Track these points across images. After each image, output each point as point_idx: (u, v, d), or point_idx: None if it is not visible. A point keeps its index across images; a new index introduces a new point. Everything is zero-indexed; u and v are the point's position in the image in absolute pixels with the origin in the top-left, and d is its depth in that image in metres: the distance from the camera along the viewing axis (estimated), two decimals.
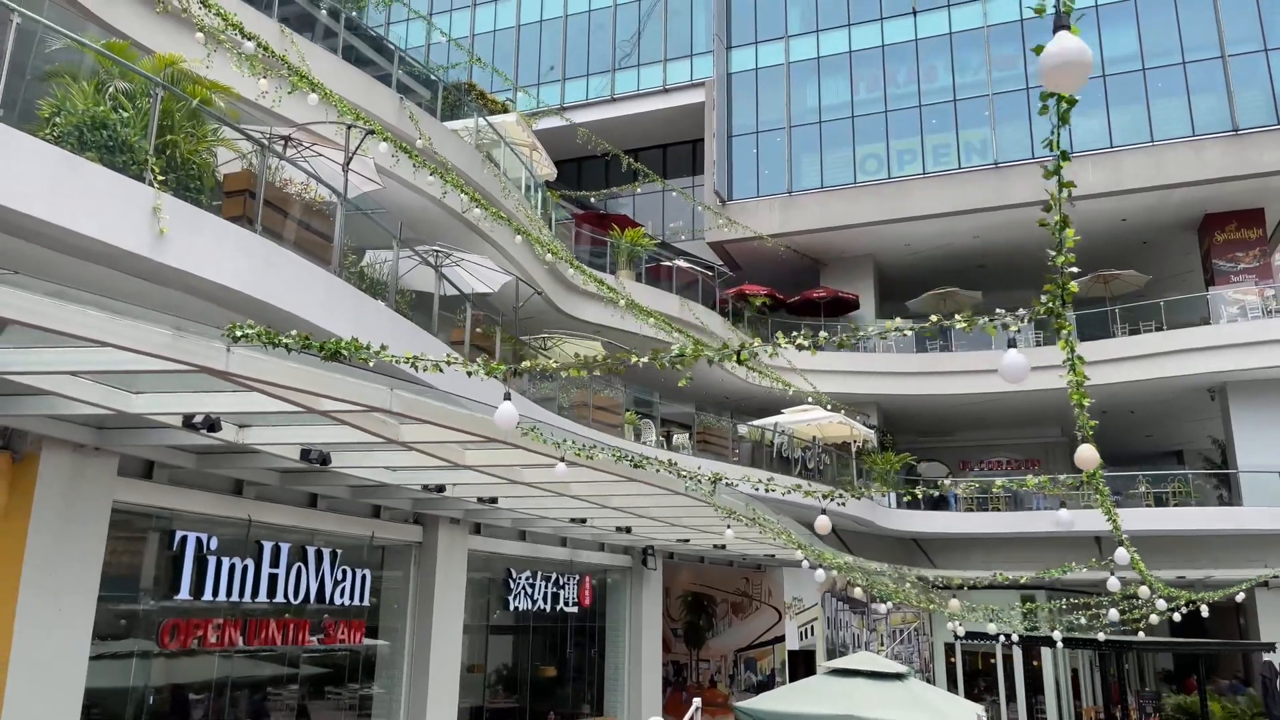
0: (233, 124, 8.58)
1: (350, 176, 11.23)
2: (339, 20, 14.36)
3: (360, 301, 9.62)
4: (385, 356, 4.65)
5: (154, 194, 7.21)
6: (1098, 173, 25.71)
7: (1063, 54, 2.57)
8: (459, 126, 17.44)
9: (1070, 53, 2.55)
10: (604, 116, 31.68)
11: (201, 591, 9.57)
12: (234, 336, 4.77)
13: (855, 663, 12.42)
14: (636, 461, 7.83)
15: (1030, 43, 27.43)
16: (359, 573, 11.82)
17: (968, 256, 29.60)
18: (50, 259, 7.36)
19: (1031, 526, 25.87)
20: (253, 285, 8.07)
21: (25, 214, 6.42)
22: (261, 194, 8.46)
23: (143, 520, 9.21)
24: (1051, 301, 3.63)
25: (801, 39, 30.17)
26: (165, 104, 7.59)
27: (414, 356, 4.69)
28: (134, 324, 4.87)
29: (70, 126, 6.97)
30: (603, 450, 7.74)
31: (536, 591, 15.85)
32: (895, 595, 16.93)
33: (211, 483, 9.85)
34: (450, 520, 13.26)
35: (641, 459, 8.09)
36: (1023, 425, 30.88)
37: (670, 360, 4.44)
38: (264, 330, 4.77)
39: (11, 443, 7.65)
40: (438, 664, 12.79)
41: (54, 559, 7.70)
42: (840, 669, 12.40)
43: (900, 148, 28.26)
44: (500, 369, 4.73)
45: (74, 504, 7.86)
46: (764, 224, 28.77)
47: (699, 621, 23.30)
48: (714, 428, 20.11)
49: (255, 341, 4.80)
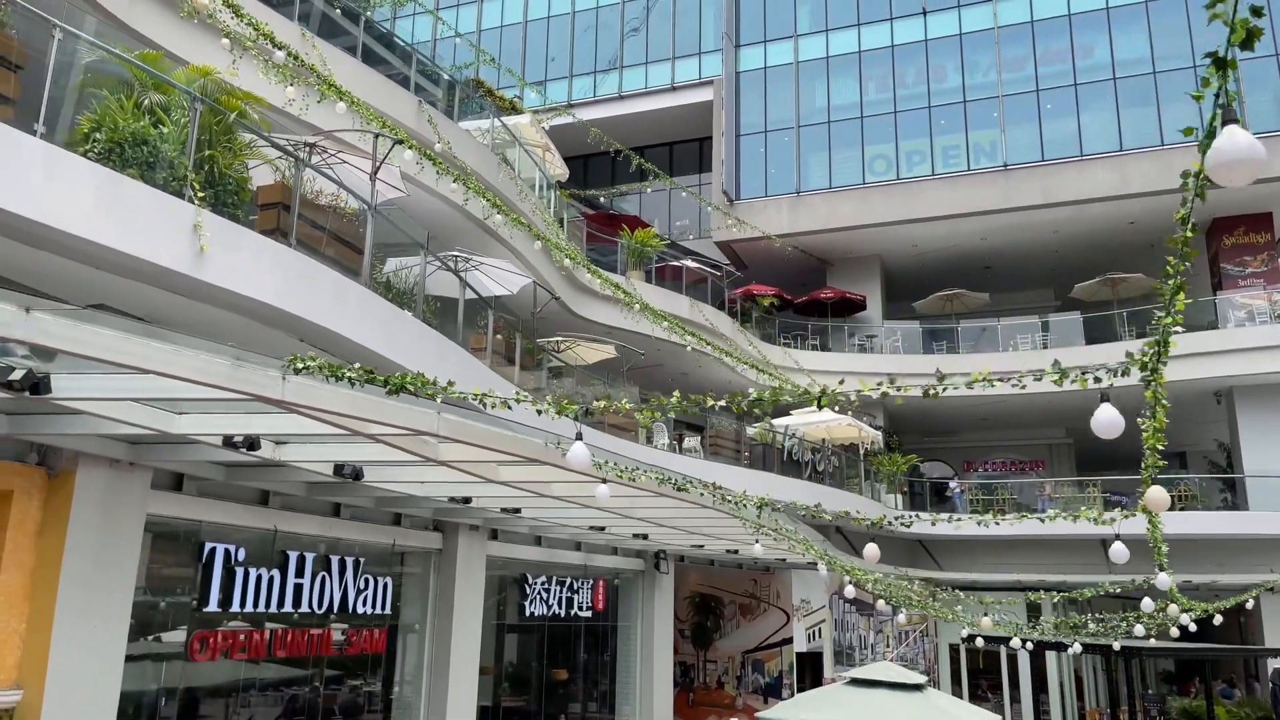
0: (269, 138, 8.52)
1: (381, 185, 11.19)
2: (358, 23, 14.26)
3: (390, 314, 9.58)
4: (454, 394, 4.62)
5: (195, 211, 7.16)
6: (1106, 175, 25.74)
7: (1235, 150, 2.50)
8: (473, 127, 17.39)
9: (1241, 149, 2.48)
10: (611, 114, 31.57)
11: (229, 603, 9.55)
12: (294, 369, 4.73)
13: (875, 673, 12.39)
14: (680, 485, 7.81)
15: (1041, 45, 27.47)
16: (381, 581, 11.80)
17: (974, 257, 29.61)
18: (85, 274, 7.32)
19: (1037, 530, 25.91)
20: (287, 300, 8.02)
21: (70, 233, 6.37)
22: (296, 208, 8.41)
23: (172, 532, 9.18)
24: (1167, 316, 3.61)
25: (810, 38, 30.10)
26: (203, 118, 7.53)
27: (482, 394, 4.66)
28: (195, 354, 4.84)
29: (111, 143, 6.90)
30: (646, 473, 7.71)
31: (552, 596, 15.85)
32: (918, 606, 16.87)
33: (239, 494, 9.81)
34: (470, 527, 13.25)
35: (685, 481, 8.05)
36: (1026, 426, 30.92)
37: (749, 404, 4.41)
38: (325, 363, 4.74)
39: (46, 459, 7.61)
40: (457, 669, 12.79)
41: (90, 573, 7.67)
42: (860, 679, 12.41)
43: (909, 149, 28.23)
44: (572, 409, 4.71)
45: (110, 519, 7.82)
46: (771, 223, 28.74)
47: (706, 623, 23.33)
48: (726, 431, 20.11)
49: (316, 373, 4.76)
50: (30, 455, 7.52)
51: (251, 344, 9.05)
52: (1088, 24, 27.13)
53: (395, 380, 4.63)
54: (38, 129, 6.45)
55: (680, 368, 24.37)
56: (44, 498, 7.53)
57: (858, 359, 28.07)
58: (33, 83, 6.93)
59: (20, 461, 7.43)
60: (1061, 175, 26.15)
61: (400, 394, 4.70)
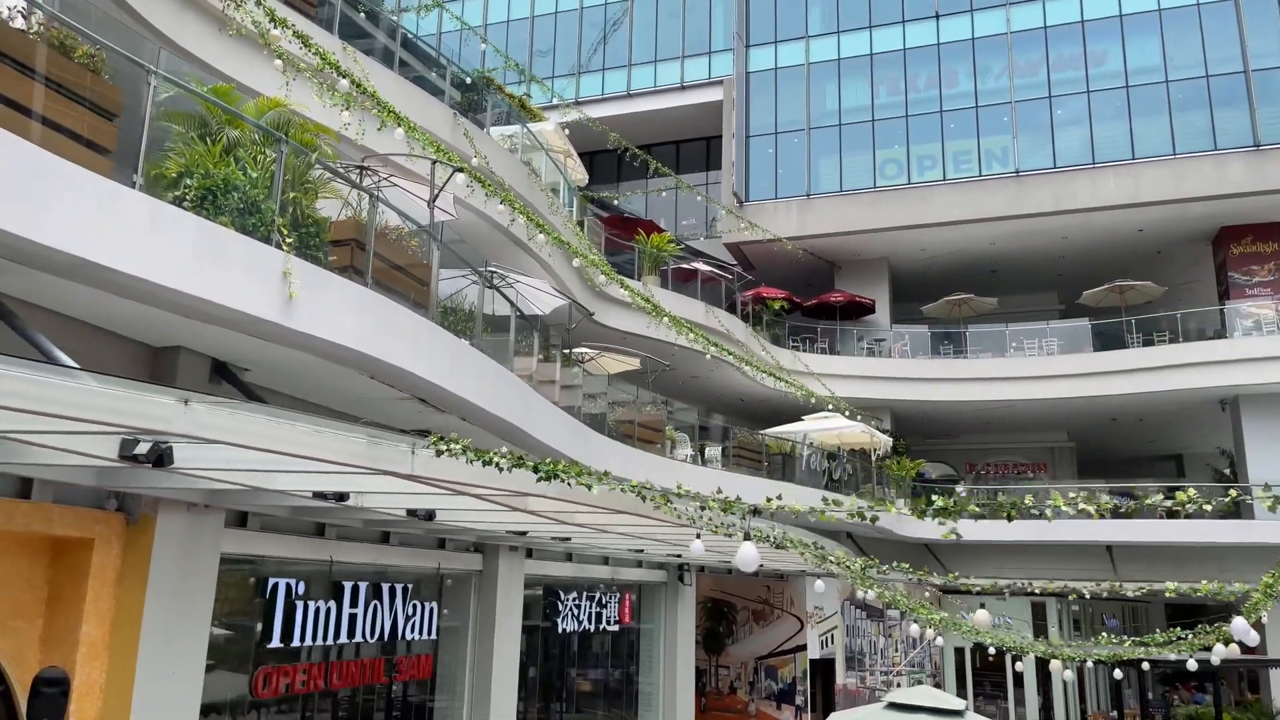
0: (348, 178, 8.37)
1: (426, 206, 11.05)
2: (395, 38, 14.06)
3: (455, 347, 9.48)
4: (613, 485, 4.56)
5: (284, 258, 7.03)
6: (1118, 183, 25.86)
7: None
8: (498, 134, 17.22)
9: None
10: (619, 112, 31.34)
11: (290, 638, 9.47)
12: (437, 451, 4.66)
13: (915, 697, 12.48)
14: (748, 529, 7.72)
15: (1054, 51, 27.51)
16: (428, 606, 11.74)
17: (981, 261, 29.70)
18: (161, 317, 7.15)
19: (1043, 535, 26.14)
20: (365, 342, 7.90)
21: (171, 288, 6.24)
22: (372, 246, 8.28)
23: (237, 569, 9.08)
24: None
25: (822, 39, 29.99)
26: (287, 159, 7.39)
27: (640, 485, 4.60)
28: (335, 436, 4.76)
29: (204, 190, 6.76)
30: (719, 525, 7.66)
31: (583, 612, 15.86)
32: (938, 621, 16.84)
33: (298, 526, 9.72)
34: (510, 548, 13.20)
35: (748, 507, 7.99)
36: (1030, 429, 31.15)
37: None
38: (469, 447, 4.66)
39: (125, 505, 7.49)
40: (498, 687, 12.79)
41: (169, 620, 7.57)
42: (899, 703, 12.48)
43: (920, 153, 28.24)
44: (742, 507, 4.66)
45: (188, 564, 7.73)
46: (781, 226, 28.69)
47: (719, 628, 23.43)
48: (748, 442, 20.13)
49: (460, 455, 4.69)
50: (109, 501, 7.39)
51: (324, 384, 8.95)
52: (1101, 31, 27.18)
53: (547, 467, 4.57)
54: (137, 180, 6.29)
55: (691, 371, 24.33)
56: (123, 545, 7.41)
57: (866, 363, 28.15)
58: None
59: (100, 508, 7.31)
60: (1073, 183, 26.24)
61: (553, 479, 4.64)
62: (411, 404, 9.68)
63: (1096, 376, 25.77)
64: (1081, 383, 25.90)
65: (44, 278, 6.11)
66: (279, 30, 9.08)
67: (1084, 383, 25.88)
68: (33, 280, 6.17)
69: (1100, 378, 25.76)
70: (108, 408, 4.05)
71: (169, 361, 7.77)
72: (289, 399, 9.19)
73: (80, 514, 7.10)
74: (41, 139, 5.71)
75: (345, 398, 9.66)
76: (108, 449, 5.10)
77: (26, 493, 6.70)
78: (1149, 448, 33.31)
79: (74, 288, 6.26)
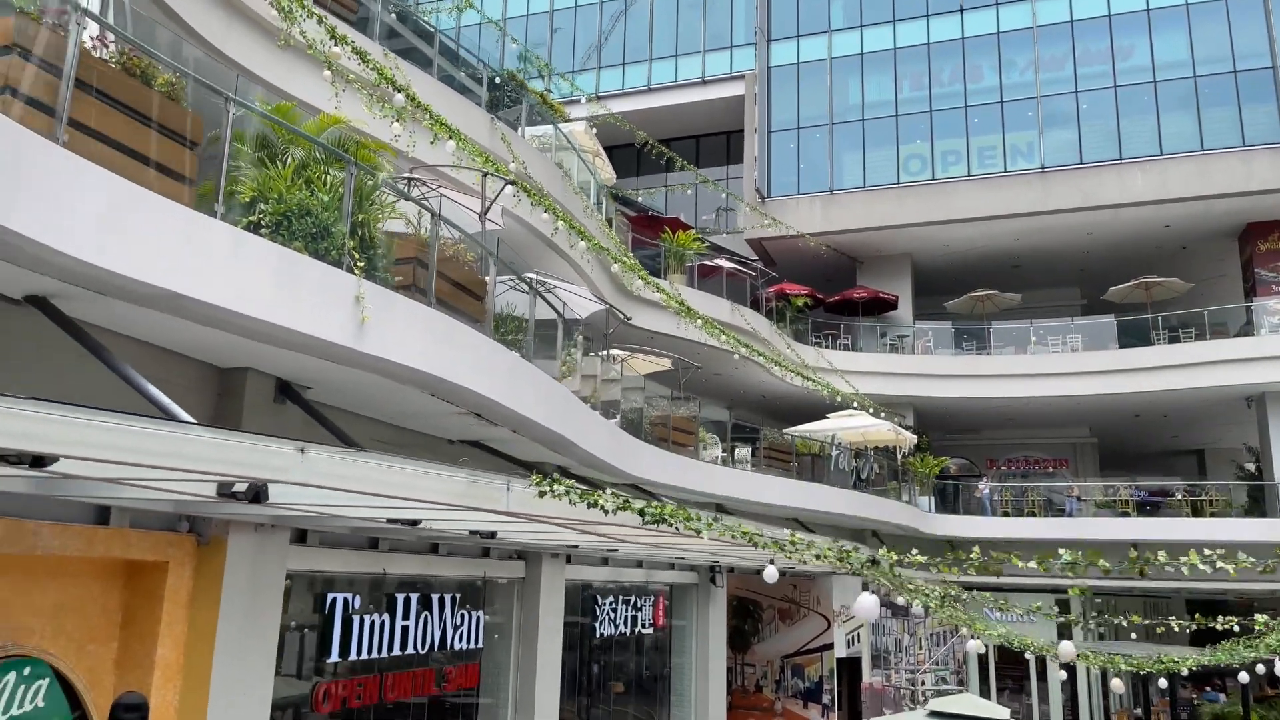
0: (412, 197, 8.35)
1: (473, 218, 11.04)
2: (433, 44, 14.00)
3: (511, 362, 9.47)
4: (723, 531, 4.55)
5: (356, 282, 7.02)
6: (1145, 180, 25.71)
7: None
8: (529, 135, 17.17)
9: None
10: (639, 107, 31.27)
11: (348, 652, 9.51)
12: (540, 493, 4.66)
13: (957, 705, 12.50)
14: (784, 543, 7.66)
15: (1080, 46, 27.31)
16: (474, 614, 11.78)
17: (1004, 257, 29.59)
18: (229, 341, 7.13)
19: (1067, 532, 26.09)
20: (431, 362, 7.89)
21: (251, 317, 6.23)
22: (434, 265, 8.27)
23: (297, 586, 9.11)
24: None
25: (845, 34, 29.81)
26: (356, 180, 7.37)
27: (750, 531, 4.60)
28: (439, 477, 4.76)
29: (279, 216, 6.74)
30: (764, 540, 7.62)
31: (619, 616, 15.90)
32: (948, 613, 16.85)
33: (353, 540, 9.74)
34: (551, 555, 13.22)
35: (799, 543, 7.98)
36: (1052, 425, 31.06)
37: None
38: (570, 488, 4.65)
39: (196, 526, 7.51)
40: (541, 694, 12.82)
41: (240, 640, 7.60)
42: (941, 711, 12.49)
43: (945, 148, 28.09)
44: (860, 558, 4.65)
45: (257, 583, 7.75)
46: (804, 222, 28.59)
47: (744, 626, 23.46)
48: (778, 443, 20.11)
49: (563, 497, 4.69)
50: (181, 524, 7.41)
51: (384, 401, 8.95)
52: (1128, 25, 26.97)
53: (654, 512, 4.56)
54: (218, 209, 6.28)
55: (715, 369, 24.30)
56: (194, 566, 7.44)
57: (890, 359, 28.09)
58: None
59: (173, 531, 7.33)
60: (1100, 178, 26.09)
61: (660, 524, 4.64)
62: (466, 417, 9.69)
63: (1122, 374, 25.67)
64: (1106, 380, 25.81)
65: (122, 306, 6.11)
66: (339, 47, 9.04)
67: (1109, 380, 25.78)
68: (110, 308, 6.17)
69: (1125, 375, 25.66)
70: (229, 459, 4.05)
71: (236, 382, 7.78)
72: (349, 415, 9.20)
73: (155, 537, 7.12)
74: (126, 170, 5.69)
75: (403, 413, 9.67)
76: (208, 489, 5.11)
77: (105, 519, 6.72)
78: (1171, 443, 33.20)
79: (150, 315, 6.26)
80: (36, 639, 6.49)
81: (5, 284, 5.84)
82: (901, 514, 23.85)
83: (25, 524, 6.05)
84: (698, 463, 17.17)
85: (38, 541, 6.16)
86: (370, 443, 9.02)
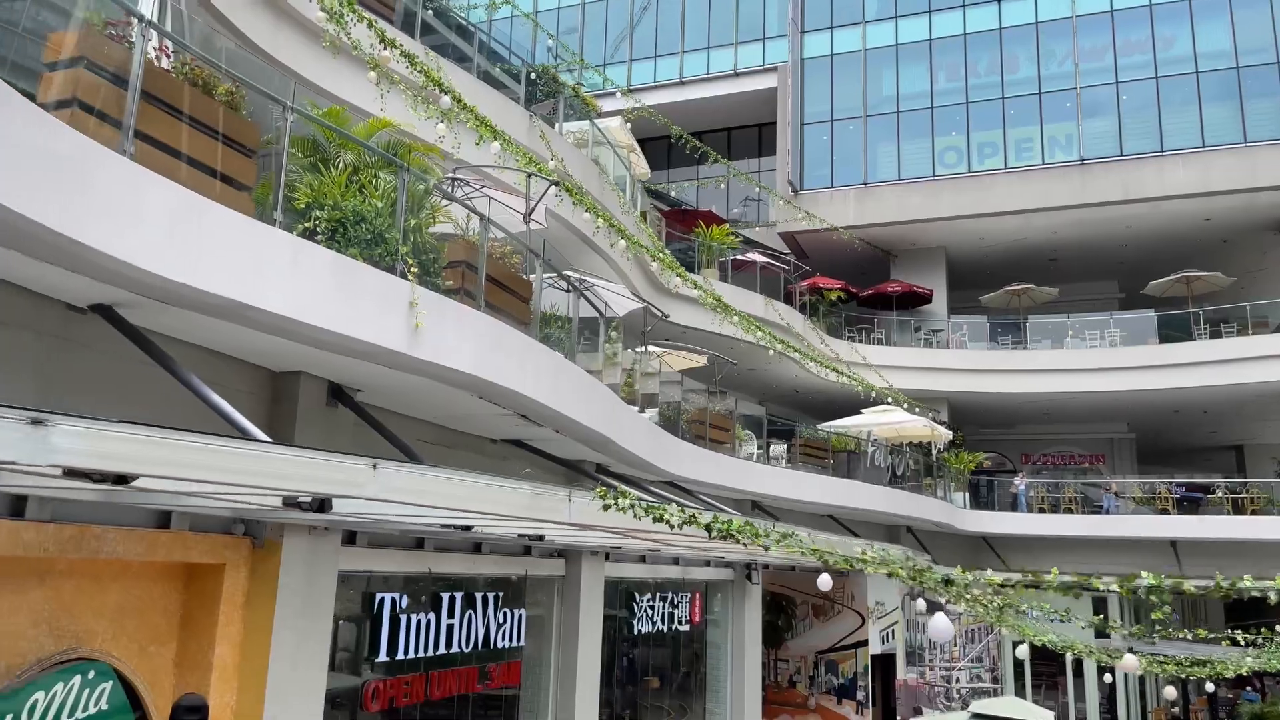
0: (462, 201, 8.36)
1: (516, 218, 11.04)
2: (473, 43, 14.00)
3: (557, 365, 9.49)
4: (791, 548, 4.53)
5: (410, 287, 7.05)
6: (1187, 172, 25.29)
7: None
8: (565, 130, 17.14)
9: None
10: (671, 100, 31.14)
11: (395, 651, 9.58)
12: (604, 505, 4.65)
13: (1002, 709, 12.45)
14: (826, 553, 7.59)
15: (1120, 35, 26.88)
16: (516, 613, 11.82)
17: (1041, 250, 29.25)
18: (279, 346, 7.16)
19: (1104, 530, 25.84)
20: (481, 366, 7.92)
21: (310, 324, 6.27)
22: (483, 268, 8.28)
23: (347, 586, 9.18)
24: None
25: (879, 25, 29.52)
26: (409, 186, 7.39)
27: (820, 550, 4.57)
28: (506, 491, 4.77)
29: (334, 222, 6.77)
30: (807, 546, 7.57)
31: (656, 613, 15.92)
32: (991, 615, 16.73)
33: (400, 540, 9.80)
34: (591, 552, 13.25)
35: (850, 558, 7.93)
36: (1089, 420, 30.70)
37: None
38: (634, 502, 4.65)
39: (251, 529, 7.58)
40: (581, 692, 12.86)
41: (294, 640, 7.68)
42: (985, 714, 12.43)
43: (981, 140, 27.77)
44: (934, 577, 4.62)
45: (311, 584, 7.82)
46: (837, 215, 28.38)
47: (777, 621, 23.40)
48: (813, 439, 20.03)
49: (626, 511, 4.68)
50: (237, 526, 7.49)
51: (432, 403, 8.99)
52: (1169, 15, 26.50)
53: (720, 527, 4.55)
54: (277, 218, 6.31)
55: (748, 364, 24.20)
56: (250, 568, 7.51)
57: (924, 354, 27.87)
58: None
59: (229, 534, 7.41)
60: (1140, 171, 25.70)
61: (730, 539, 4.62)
62: (511, 418, 9.72)
63: (1162, 369, 25.30)
64: (1146, 375, 25.46)
65: (184, 314, 6.16)
66: (387, 51, 9.06)
67: (1149, 375, 25.43)
68: (171, 316, 6.23)
69: (1166, 370, 25.29)
70: (305, 475, 4.08)
71: (290, 386, 7.85)
72: (397, 416, 9.25)
73: (213, 540, 7.20)
74: (189, 179, 5.74)
75: (450, 414, 9.72)
76: (274, 499, 5.15)
77: (166, 523, 6.80)
78: (1209, 438, 32.72)
79: (210, 321, 6.31)
80: (99, 641, 6.59)
81: (72, 294, 5.92)
82: (936, 510, 23.71)
83: (91, 529, 6.14)
84: (735, 460, 17.15)
85: (102, 546, 6.24)
86: (417, 443, 9.06)
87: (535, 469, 11.70)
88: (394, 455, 7.89)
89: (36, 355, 6.03)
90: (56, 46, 5.31)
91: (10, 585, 5.94)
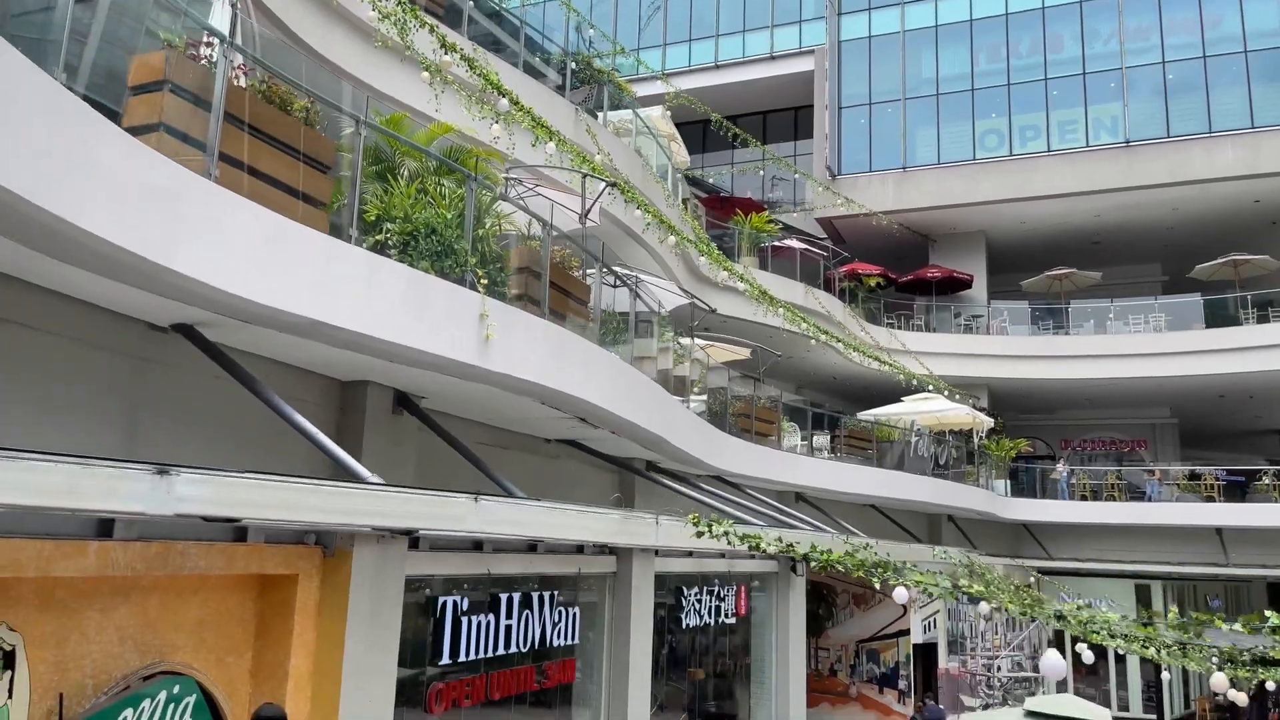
0: (526, 208, 8.32)
1: (570, 216, 10.98)
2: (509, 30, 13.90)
3: (616, 369, 9.45)
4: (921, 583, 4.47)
5: (479, 299, 7.02)
6: (1236, 153, 24.76)
7: None
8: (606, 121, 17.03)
9: None
10: (707, 84, 30.84)
11: (458, 653, 9.62)
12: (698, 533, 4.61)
13: (1056, 706, 12.33)
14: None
15: (1167, 14, 26.30)
16: (570, 611, 11.84)
17: (1084, 234, 28.80)
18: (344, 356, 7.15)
19: (1147, 518, 25.53)
20: (547, 375, 7.91)
21: (386, 340, 6.27)
22: (547, 276, 8.24)
23: (411, 590, 9.22)
24: None
25: (918, 5, 29.05)
26: (478, 196, 7.35)
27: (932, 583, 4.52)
28: (599, 517, 4.73)
29: (405, 235, 6.74)
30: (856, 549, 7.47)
31: (703, 606, 15.94)
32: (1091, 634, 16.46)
33: (460, 543, 9.83)
34: (640, 550, 13.24)
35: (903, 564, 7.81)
36: (1131, 405, 30.30)
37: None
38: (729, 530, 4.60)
39: (321, 538, 7.61)
40: (634, 687, 12.89)
41: (365, 648, 7.73)
42: (1039, 712, 12.34)
43: (1023, 123, 27.32)
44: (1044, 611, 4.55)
45: (380, 591, 7.86)
46: (876, 200, 28.07)
47: (818, 610, 23.36)
48: (856, 429, 19.92)
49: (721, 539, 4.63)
50: (308, 536, 7.52)
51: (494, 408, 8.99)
52: None
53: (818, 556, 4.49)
54: (353, 235, 6.30)
55: (787, 352, 24.08)
56: (321, 577, 7.55)
57: (965, 340, 27.60)
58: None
59: (301, 544, 7.44)
60: (1188, 152, 25.19)
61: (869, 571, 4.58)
62: (569, 420, 9.71)
63: (1208, 354, 24.90)
64: (1192, 360, 25.07)
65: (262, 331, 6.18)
66: (448, 55, 9.00)
67: (1195, 360, 25.04)
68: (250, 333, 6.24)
69: (1212, 355, 24.88)
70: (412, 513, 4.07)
71: (357, 395, 7.87)
72: (457, 420, 9.26)
73: (286, 551, 7.24)
74: (269, 199, 5.73)
75: (509, 417, 9.73)
76: None
77: (243, 536, 6.84)
78: (1254, 423, 32.20)
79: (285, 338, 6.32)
80: (181, 655, 6.65)
81: (153, 313, 5.94)
82: (978, 499, 23.54)
83: (175, 545, 6.18)
84: (779, 452, 17.09)
85: (185, 561, 6.29)
86: (476, 446, 9.07)
87: (586, 467, 11.70)
88: (457, 462, 7.92)
89: (119, 374, 6.07)
90: (141, 69, 5.30)
91: (98, 604, 6.01)
